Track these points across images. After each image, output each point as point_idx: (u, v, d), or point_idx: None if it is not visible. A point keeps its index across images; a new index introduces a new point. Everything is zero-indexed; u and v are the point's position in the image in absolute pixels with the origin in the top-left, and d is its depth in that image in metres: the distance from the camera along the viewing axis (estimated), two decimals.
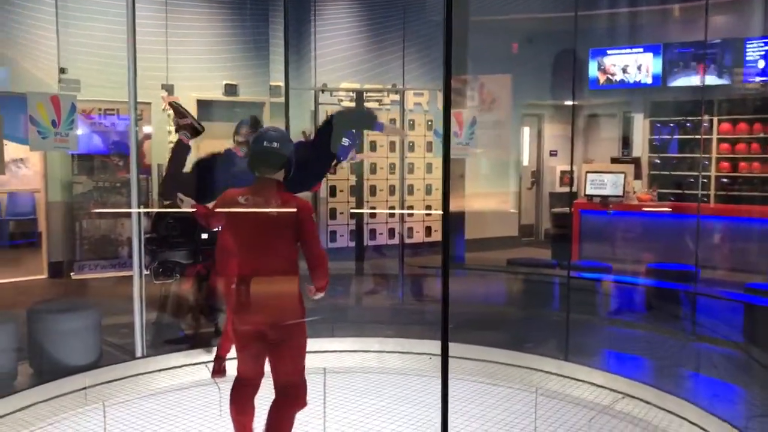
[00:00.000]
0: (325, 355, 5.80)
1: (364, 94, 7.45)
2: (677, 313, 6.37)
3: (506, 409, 4.76)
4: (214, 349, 5.69)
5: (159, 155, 9.03)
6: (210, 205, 3.82)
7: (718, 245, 7.48)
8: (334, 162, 4.70)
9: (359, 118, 5.03)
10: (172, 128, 9.16)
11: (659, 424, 4.48)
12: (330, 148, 4.45)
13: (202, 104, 9.38)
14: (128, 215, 7.76)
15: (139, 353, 5.46)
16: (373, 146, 9.66)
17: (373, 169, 9.95)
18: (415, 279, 8.00)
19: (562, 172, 12.48)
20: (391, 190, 10.39)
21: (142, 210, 5.57)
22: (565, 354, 5.43)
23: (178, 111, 4.88)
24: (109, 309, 6.35)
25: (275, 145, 3.41)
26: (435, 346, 5.91)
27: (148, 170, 9.00)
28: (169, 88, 8.40)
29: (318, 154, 4.47)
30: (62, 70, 6.90)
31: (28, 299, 7.04)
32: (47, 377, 4.93)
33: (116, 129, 8.75)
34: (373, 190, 9.97)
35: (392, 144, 10.26)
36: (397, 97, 9.11)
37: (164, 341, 5.75)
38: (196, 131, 4.90)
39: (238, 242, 3.50)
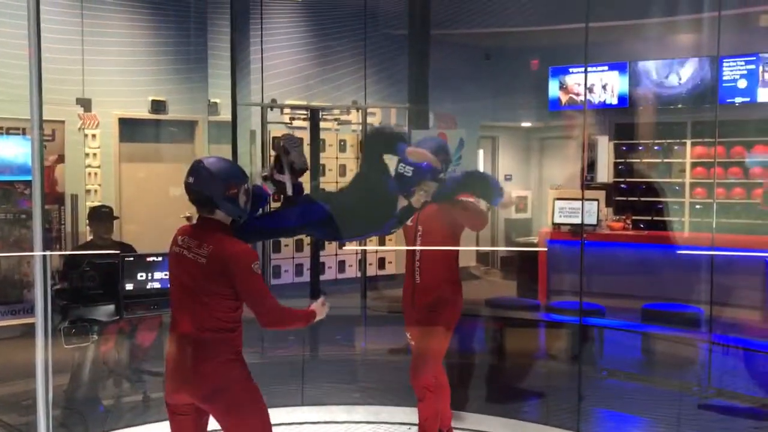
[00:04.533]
0: (280, 429, 4.75)
1: (320, 113, 6.45)
2: (689, 363, 5.59)
3: None
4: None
5: (74, 182, 7.75)
6: None
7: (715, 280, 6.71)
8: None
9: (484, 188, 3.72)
10: (91, 150, 7.94)
11: None
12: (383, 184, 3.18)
13: (124, 123, 8.17)
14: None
15: None
16: (322, 170, 8.65)
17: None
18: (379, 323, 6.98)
19: (518, 198, 11.75)
20: None
21: (48, 253, 4.36)
22: (577, 422, 4.51)
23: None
24: (8, 371, 5.15)
25: (190, 180, 2.88)
26: (410, 413, 4.97)
27: (61, 199, 7.70)
28: (85, 104, 7.19)
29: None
30: None
31: None
32: None
33: (21, 151, 7.43)
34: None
35: (342, 168, 9.30)
36: (348, 117, 8.20)
37: None
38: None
39: (171, 291, 2.98)
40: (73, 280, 4.43)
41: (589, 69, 9.76)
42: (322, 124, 6.81)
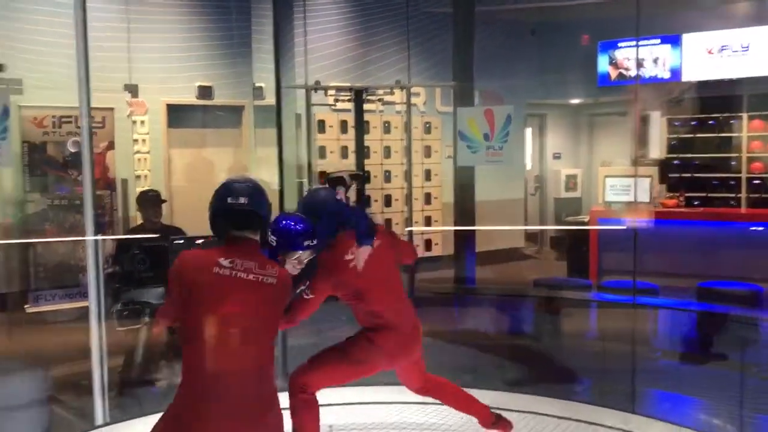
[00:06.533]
0: (329, 409, 4.77)
1: (364, 93, 6.41)
2: (748, 343, 5.40)
3: None
4: None
5: (124, 168, 7.89)
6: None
7: None
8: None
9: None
10: (140, 136, 8.06)
11: None
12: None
13: (172, 109, 8.26)
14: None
15: (99, 419, 4.34)
16: (367, 152, 8.63)
17: (367, 178, 8.92)
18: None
19: (567, 177, 11.57)
20: (387, 201, 9.38)
21: (99, 237, 4.45)
22: (632, 403, 4.41)
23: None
24: (67, 353, 5.26)
25: (243, 201, 2.65)
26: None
27: (113, 185, 7.85)
28: (132, 90, 7.28)
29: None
30: (0, 67, 5.76)
31: None
32: None
33: (73, 139, 7.60)
34: (368, 201, 8.92)
35: (386, 150, 9.27)
36: (392, 98, 8.13)
37: None
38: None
39: (211, 324, 2.50)
40: (124, 263, 4.50)
41: (640, 43, 9.47)
42: (365, 106, 6.76)
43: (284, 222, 3.09)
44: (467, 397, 3.77)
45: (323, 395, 4.84)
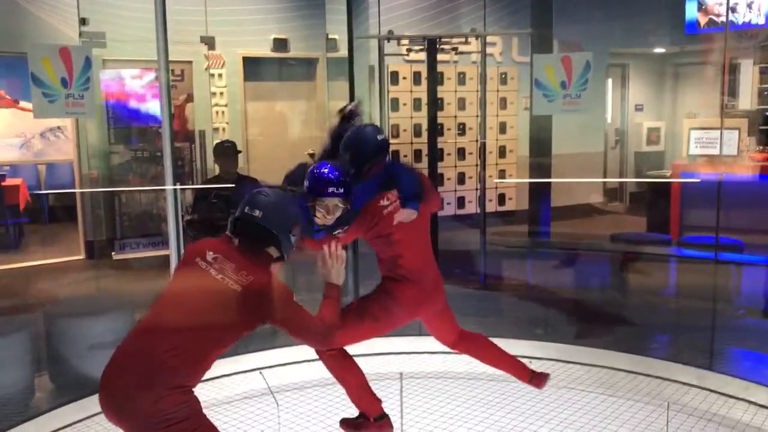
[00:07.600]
0: (400, 358, 4.85)
1: (438, 42, 6.28)
2: None
3: (631, 428, 3.72)
4: (270, 353, 4.83)
5: (203, 121, 8.07)
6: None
7: None
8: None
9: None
10: (218, 89, 8.21)
11: None
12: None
13: (248, 61, 8.37)
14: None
15: None
16: (440, 104, 8.53)
17: (440, 131, 8.83)
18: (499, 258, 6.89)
19: (650, 129, 11.14)
20: (460, 154, 9.28)
21: (176, 187, 4.59)
22: (710, 360, 4.29)
23: None
24: (150, 297, 5.48)
25: (256, 213, 2.55)
26: (530, 346, 4.95)
27: (192, 137, 8.06)
28: (209, 42, 7.38)
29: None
30: (83, 21, 5.92)
31: (56, 287, 6.28)
32: (70, 394, 4.08)
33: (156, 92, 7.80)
34: (440, 154, 8.84)
35: (461, 101, 9.13)
36: (468, 47, 7.95)
37: None
38: None
39: (166, 303, 2.54)
40: (202, 211, 4.63)
41: None
42: (439, 56, 6.62)
43: (318, 168, 3.10)
44: (502, 354, 3.65)
45: (393, 344, 4.92)
